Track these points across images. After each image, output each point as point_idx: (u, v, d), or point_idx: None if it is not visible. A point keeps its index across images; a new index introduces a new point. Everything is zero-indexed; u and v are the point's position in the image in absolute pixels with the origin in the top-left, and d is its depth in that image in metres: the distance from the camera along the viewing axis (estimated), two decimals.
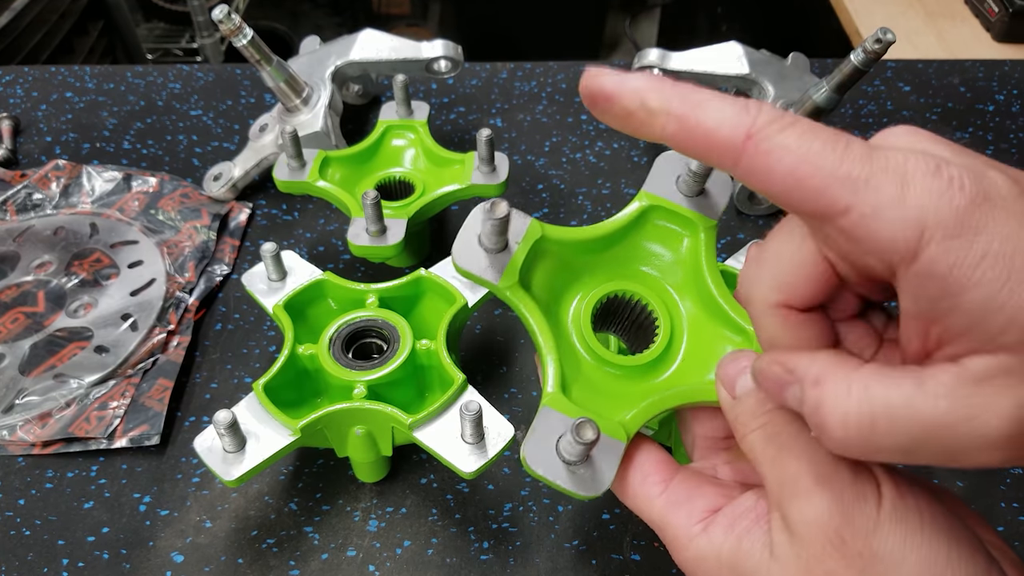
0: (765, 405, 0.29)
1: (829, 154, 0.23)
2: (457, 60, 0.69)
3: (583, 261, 0.39)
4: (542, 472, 0.33)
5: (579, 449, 0.32)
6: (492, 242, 0.35)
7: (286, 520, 0.49)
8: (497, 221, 0.34)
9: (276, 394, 0.45)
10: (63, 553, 0.47)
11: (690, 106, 0.25)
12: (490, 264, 0.36)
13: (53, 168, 0.69)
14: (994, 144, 0.75)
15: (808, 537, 0.26)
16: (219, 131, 0.76)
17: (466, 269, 0.35)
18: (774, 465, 0.28)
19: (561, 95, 0.81)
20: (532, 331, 0.36)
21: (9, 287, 0.61)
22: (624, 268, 0.40)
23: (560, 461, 0.33)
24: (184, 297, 0.60)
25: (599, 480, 0.33)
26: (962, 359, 0.23)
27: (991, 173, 0.23)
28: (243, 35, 0.59)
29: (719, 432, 0.36)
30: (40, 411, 0.53)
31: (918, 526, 0.26)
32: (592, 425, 0.32)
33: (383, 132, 0.63)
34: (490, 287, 0.36)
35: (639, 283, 0.40)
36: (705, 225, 0.39)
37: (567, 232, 0.38)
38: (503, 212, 0.34)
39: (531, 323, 0.36)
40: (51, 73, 0.83)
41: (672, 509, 0.32)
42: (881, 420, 0.23)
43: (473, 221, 0.36)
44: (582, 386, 0.37)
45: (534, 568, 0.46)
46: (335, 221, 0.68)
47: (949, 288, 0.22)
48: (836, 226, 0.23)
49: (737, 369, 0.31)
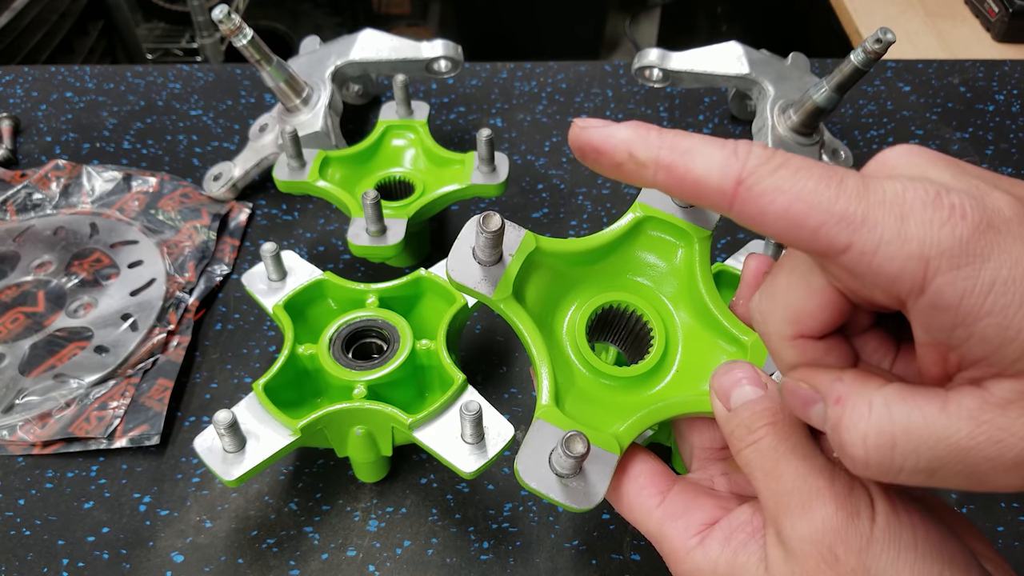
0: (761, 419, 0.29)
1: (824, 192, 0.23)
2: (457, 60, 0.69)
3: (577, 272, 0.39)
4: (535, 485, 0.33)
5: (570, 462, 0.32)
6: (486, 255, 0.35)
7: (286, 520, 0.49)
8: (491, 235, 0.34)
9: (276, 394, 0.45)
10: (63, 553, 0.47)
11: (678, 154, 0.25)
12: (484, 277, 0.36)
13: (53, 168, 0.69)
14: (994, 144, 0.75)
15: (802, 553, 0.26)
16: (219, 131, 0.76)
17: (460, 282, 0.35)
18: (769, 480, 0.28)
19: (561, 95, 0.81)
20: (527, 343, 0.36)
21: (9, 287, 0.61)
22: (619, 279, 0.40)
23: (553, 474, 0.33)
24: (184, 297, 0.60)
25: (592, 493, 0.33)
26: (985, 382, 0.22)
27: (994, 196, 0.22)
28: (243, 35, 0.59)
29: (716, 443, 0.36)
30: (40, 411, 0.53)
31: (911, 543, 0.26)
32: (582, 438, 0.32)
33: (383, 132, 0.63)
34: (484, 300, 0.36)
35: (634, 294, 0.40)
36: (699, 236, 0.39)
37: (561, 244, 0.38)
38: (496, 226, 0.34)
39: (525, 336, 0.36)
40: (51, 73, 0.83)
41: (669, 521, 0.32)
42: (901, 441, 0.23)
43: (467, 234, 0.36)
44: (576, 398, 0.37)
45: (534, 568, 0.46)
46: (335, 221, 0.68)
47: (961, 318, 0.22)
48: (838, 263, 0.23)
49: (731, 381, 0.31)
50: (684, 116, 0.78)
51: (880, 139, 0.75)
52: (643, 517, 0.33)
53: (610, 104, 0.80)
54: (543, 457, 0.34)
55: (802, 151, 0.63)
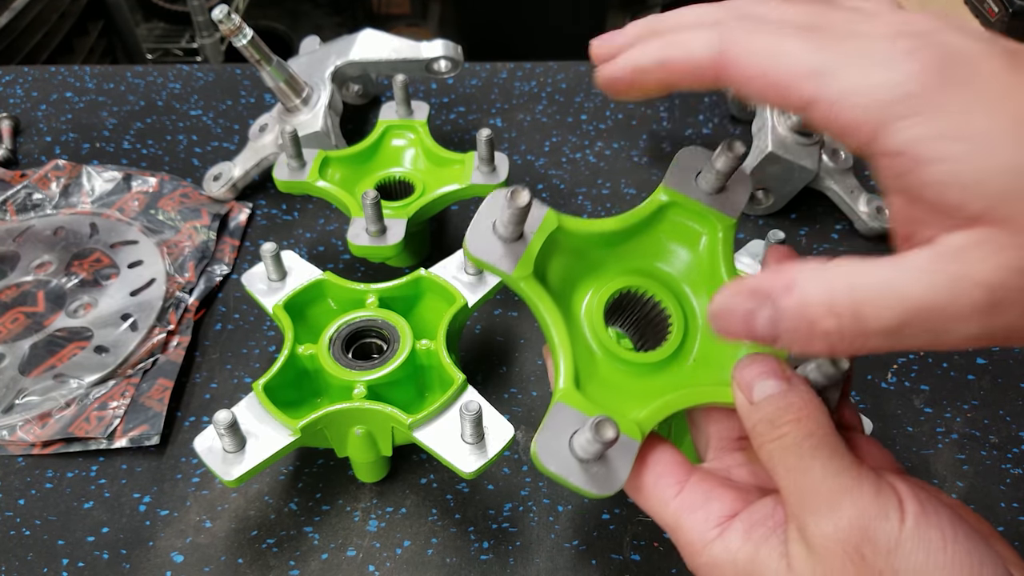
0: (786, 414, 0.29)
1: (798, 52, 0.25)
2: (457, 60, 0.69)
3: (598, 255, 0.38)
4: (554, 469, 0.32)
5: (596, 448, 0.31)
6: (508, 231, 0.34)
7: (286, 520, 0.49)
8: (517, 210, 0.33)
9: (276, 394, 0.45)
10: (63, 553, 0.47)
11: (669, 47, 0.28)
12: (504, 253, 0.34)
13: (53, 168, 0.69)
14: None
15: (826, 552, 0.26)
16: (219, 131, 0.76)
17: (479, 257, 0.34)
18: (793, 476, 0.28)
19: (561, 95, 0.81)
20: (545, 325, 0.35)
21: (9, 287, 0.61)
22: (639, 263, 0.39)
23: (573, 458, 0.32)
24: (184, 297, 0.60)
25: (613, 479, 0.32)
26: (937, 238, 0.23)
27: (954, 36, 0.23)
28: (243, 35, 0.59)
29: (733, 432, 0.36)
30: (40, 411, 0.53)
31: (941, 545, 0.25)
32: (612, 424, 0.31)
33: (383, 132, 0.63)
34: (503, 276, 0.34)
35: (654, 279, 0.39)
36: (724, 224, 0.38)
37: (584, 224, 0.37)
38: (524, 201, 0.32)
39: (544, 317, 0.35)
40: (51, 73, 0.83)
41: (687, 513, 0.31)
42: (866, 304, 0.23)
43: (488, 208, 0.34)
44: (594, 382, 0.36)
45: (534, 568, 0.46)
46: (335, 221, 0.68)
47: (909, 164, 0.23)
48: (809, 116, 0.25)
49: (754, 373, 0.30)
50: (684, 116, 0.78)
51: None
52: (660, 507, 0.32)
53: (609, 104, 0.80)
54: (563, 441, 0.32)
55: (802, 151, 0.63)
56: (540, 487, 0.50)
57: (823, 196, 0.67)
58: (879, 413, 0.54)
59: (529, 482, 0.50)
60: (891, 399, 0.55)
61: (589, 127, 0.77)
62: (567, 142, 0.76)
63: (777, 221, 0.67)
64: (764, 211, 0.67)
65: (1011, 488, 0.50)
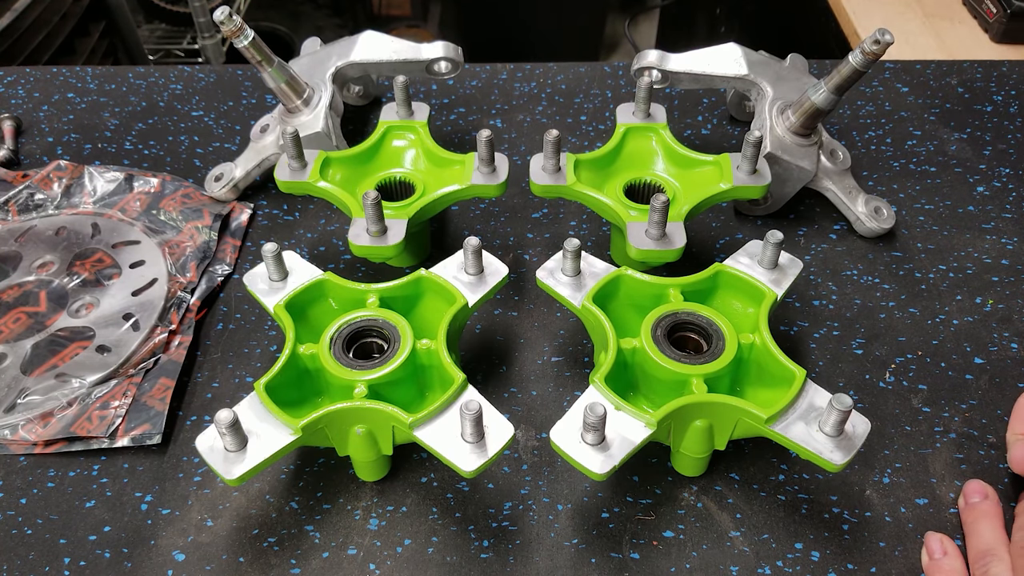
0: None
1: None
2: (457, 61, 0.70)
3: None
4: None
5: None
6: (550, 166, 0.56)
7: (287, 519, 0.49)
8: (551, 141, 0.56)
9: (277, 393, 0.45)
10: (65, 552, 0.47)
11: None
12: None
13: (55, 168, 0.70)
14: (992, 145, 0.75)
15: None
16: (220, 132, 0.77)
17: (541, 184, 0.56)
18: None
19: (561, 95, 0.81)
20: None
21: (11, 287, 0.61)
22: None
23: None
24: (185, 297, 0.60)
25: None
26: None
27: None
28: (244, 36, 0.59)
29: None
30: (42, 410, 0.53)
31: None
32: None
33: (383, 133, 0.63)
34: None
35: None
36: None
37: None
38: (555, 136, 0.56)
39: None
40: (53, 74, 0.84)
41: None
42: None
43: None
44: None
45: (534, 567, 0.47)
46: (336, 221, 0.68)
47: None
48: None
49: (935, 547, 0.44)
50: (683, 117, 0.79)
51: (878, 140, 0.76)
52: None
53: (609, 105, 0.80)
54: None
55: (801, 151, 0.63)
56: (540, 486, 0.50)
57: (821, 196, 0.67)
58: (877, 413, 0.54)
59: (529, 481, 0.50)
60: (889, 398, 0.55)
61: (589, 127, 0.77)
62: (567, 142, 0.76)
63: (776, 221, 0.68)
64: (763, 211, 0.68)
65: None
